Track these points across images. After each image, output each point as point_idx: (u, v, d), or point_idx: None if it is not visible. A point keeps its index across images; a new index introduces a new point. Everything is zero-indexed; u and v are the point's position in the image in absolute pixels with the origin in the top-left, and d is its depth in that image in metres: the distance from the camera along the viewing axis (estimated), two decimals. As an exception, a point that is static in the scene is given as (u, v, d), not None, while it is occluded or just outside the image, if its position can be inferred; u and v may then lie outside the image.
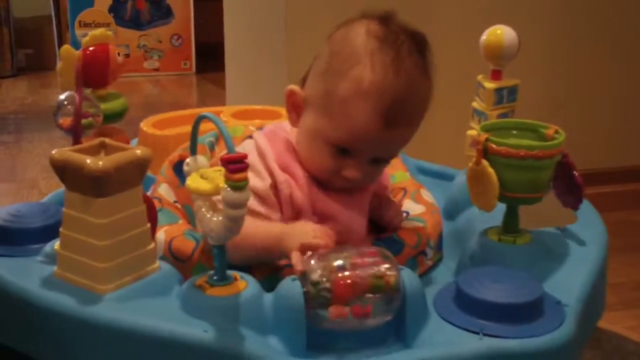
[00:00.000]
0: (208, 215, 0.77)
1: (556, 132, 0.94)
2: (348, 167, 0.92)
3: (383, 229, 1.02)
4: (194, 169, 0.80)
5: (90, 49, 1.04)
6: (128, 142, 1.13)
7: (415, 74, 0.91)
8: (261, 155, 0.94)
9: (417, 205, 1.06)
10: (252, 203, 0.90)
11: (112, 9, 4.09)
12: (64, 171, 0.78)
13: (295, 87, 0.96)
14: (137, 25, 4.12)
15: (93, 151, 0.80)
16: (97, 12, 4.07)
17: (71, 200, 0.78)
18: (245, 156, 0.72)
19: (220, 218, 0.74)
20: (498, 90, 1.08)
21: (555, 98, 2.32)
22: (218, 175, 0.75)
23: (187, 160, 0.82)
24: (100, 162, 0.74)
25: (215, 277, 0.79)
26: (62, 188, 1.11)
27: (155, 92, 3.78)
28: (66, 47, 1.04)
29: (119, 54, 1.05)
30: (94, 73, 1.04)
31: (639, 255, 2.19)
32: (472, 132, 1.13)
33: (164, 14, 4.15)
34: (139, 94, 3.69)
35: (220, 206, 0.75)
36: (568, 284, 0.88)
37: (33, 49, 4.23)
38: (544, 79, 2.29)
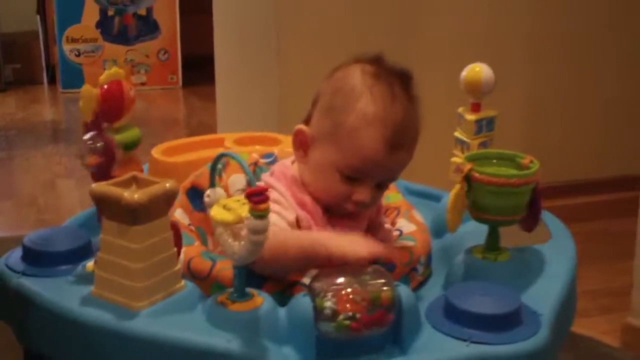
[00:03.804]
0: (229, 241, 0.87)
1: (531, 161, 1.06)
2: (358, 192, 1.04)
3: None
4: (215, 200, 0.91)
5: (105, 86, 1.14)
6: (142, 169, 1.23)
7: (408, 105, 1.04)
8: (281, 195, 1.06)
9: (409, 224, 1.18)
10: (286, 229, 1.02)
11: (99, 25, 4.18)
12: (103, 202, 0.88)
13: (303, 127, 1.08)
14: (124, 40, 4.22)
15: (126, 184, 0.91)
16: (85, 28, 4.16)
17: (109, 227, 0.89)
18: (266, 189, 0.84)
19: (242, 243, 0.85)
20: (478, 122, 1.20)
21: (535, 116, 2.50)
22: (239, 205, 0.86)
23: (208, 192, 0.93)
24: (136, 195, 0.85)
25: (235, 295, 0.90)
26: (66, 207, 1.21)
27: (143, 107, 3.87)
28: (86, 86, 1.13)
29: (131, 89, 1.15)
30: (111, 108, 1.14)
31: (613, 264, 2.32)
32: (455, 160, 1.24)
33: (150, 29, 4.25)
34: (127, 108, 3.76)
35: (242, 233, 0.86)
36: (543, 296, 1.00)
37: (21, 64, 4.28)
38: (524, 100, 2.46)
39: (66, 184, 2.74)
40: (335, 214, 1.07)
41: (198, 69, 3.82)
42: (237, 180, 1.25)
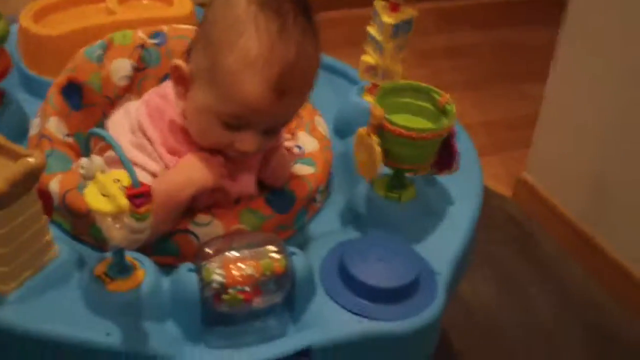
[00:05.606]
0: (108, 223, 0.77)
1: (447, 102, 0.96)
2: (241, 140, 0.91)
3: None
4: (91, 172, 0.78)
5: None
6: (10, 62, 1.06)
7: (303, 41, 0.88)
8: (148, 139, 0.93)
9: (310, 139, 1.08)
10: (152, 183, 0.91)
11: None
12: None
13: (179, 62, 0.92)
14: None
15: (-16, 152, 0.77)
16: None
17: (-35, 205, 0.77)
18: (149, 189, 0.73)
19: (122, 232, 0.76)
20: (395, 25, 1.07)
21: None
22: (117, 191, 0.75)
23: (82, 162, 0.79)
24: (-6, 184, 0.73)
25: (114, 269, 0.82)
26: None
27: None
28: None
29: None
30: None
31: (516, 87, 2.23)
32: (366, 58, 1.12)
33: None
34: None
35: (124, 219, 0.76)
36: (442, 250, 0.96)
37: None
38: None
39: None
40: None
41: None
42: (121, 65, 1.11)
